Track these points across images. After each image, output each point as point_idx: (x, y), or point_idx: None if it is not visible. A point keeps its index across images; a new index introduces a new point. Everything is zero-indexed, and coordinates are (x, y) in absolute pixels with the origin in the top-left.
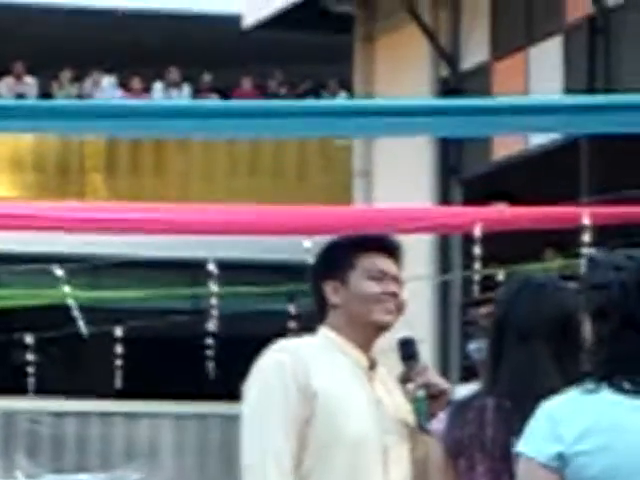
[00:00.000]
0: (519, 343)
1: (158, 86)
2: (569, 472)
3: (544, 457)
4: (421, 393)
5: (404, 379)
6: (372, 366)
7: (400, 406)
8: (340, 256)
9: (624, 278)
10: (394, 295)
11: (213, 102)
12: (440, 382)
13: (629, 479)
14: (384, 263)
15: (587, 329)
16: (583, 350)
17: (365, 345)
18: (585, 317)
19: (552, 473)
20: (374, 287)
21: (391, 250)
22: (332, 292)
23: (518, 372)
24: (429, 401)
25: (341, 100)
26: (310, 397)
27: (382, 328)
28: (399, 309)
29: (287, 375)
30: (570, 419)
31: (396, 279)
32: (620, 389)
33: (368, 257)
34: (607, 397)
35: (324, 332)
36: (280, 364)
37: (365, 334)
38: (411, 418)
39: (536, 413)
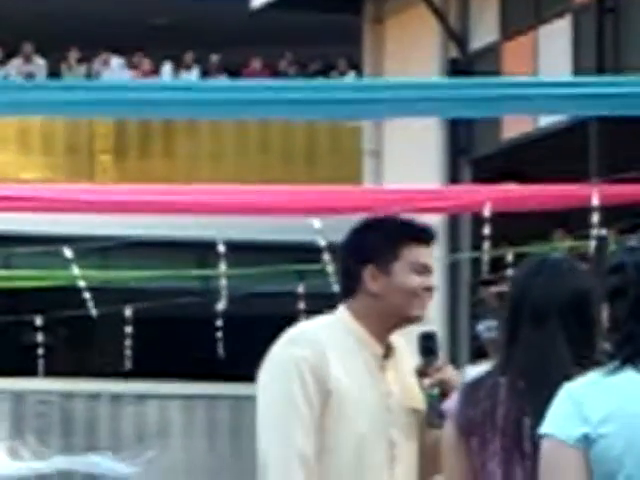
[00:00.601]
0: (535, 324)
1: (167, 68)
2: (593, 453)
3: (570, 438)
4: (436, 390)
5: (421, 373)
6: (387, 353)
7: (411, 390)
8: (384, 243)
9: (639, 258)
10: (432, 289)
11: (222, 82)
12: (455, 380)
13: None
14: (426, 256)
15: (604, 313)
16: (597, 332)
17: (385, 334)
18: (601, 300)
19: (576, 451)
20: (417, 281)
21: (431, 241)
22: (371, 279)
23: (533, 353)
24: (442, 398)
25: (350, 80)
26: (326, 394)
27: (416, 321)
28: (430, 301)
29: (307, 373)
30: (595, 401)
31: (432, 270)
32: None
33: (413, 248)
34: (630, 377)
35: (343, 317)
36: (301, 360)
37: (392, 325)
38: (421, 402)
39: (559, 395)
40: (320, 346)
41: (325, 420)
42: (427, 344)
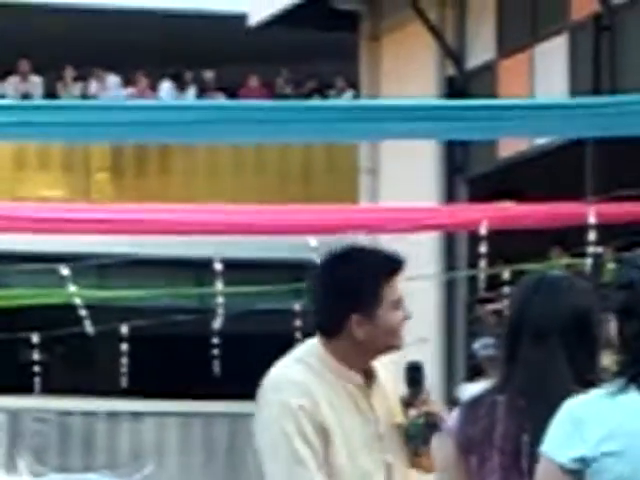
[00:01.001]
0: (535, 342)
1: (166, 85)
2: (590, 473)
3: (566, 459)
4: (422, 420)
5: (407, 403)
6: (369, 379)
7: (394, 408)
8: (367, 290)
9: None
10: (408, 318)
11: (219, 103)
12: (440, 411)
13: None
14: (399, 287)
15: (612, 329)
16: (597, 350)
17: (365, 366)
18: (609, 317)
19: (567, 475)
20: (398, 316)
21: (402, 269)
22: (357, 326)
23: (533, 371)
24: (428, 429)
25: (346, 101)
26: (325, 435)
27: (393, 351)
28: None
29: (304, 420)
30: (594, 421)
31: (403, 299)
32: None
33: (390, 285)
34: (633, 398)
35: (322, 356)
36: (297, 409)
37: (372, 357)
38: (401, 417)
39: (560, 413)
40: (313, 394)
41: (329, 460)
42: (413, 375)
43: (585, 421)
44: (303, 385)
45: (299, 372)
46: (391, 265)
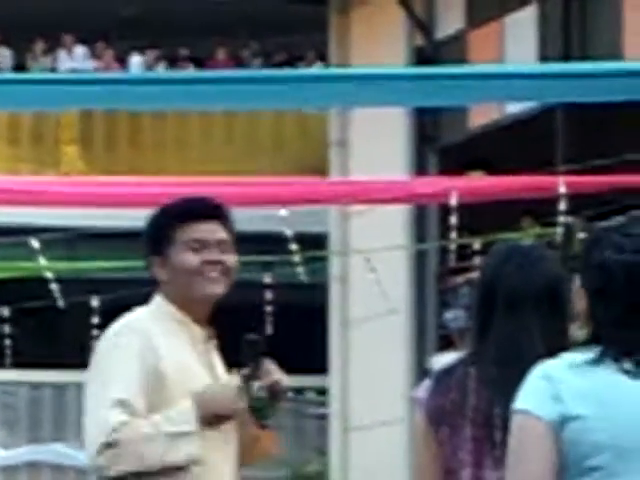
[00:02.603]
0: (508, 312)
1: (135, 59)
2: (565, 434)
3: (542, 412)
4: (265, 392)
5: (249, 377)
6: (209, 338)
7: (226, 375)
8: (160, 231)
9: (626, 261)
10: (216, 263)
11: (188, 73)
12: (284, 382)
13: (630, 453)
14: (203, 230)
15: (578, 302)
16: (568, 319)
17: (201, 318)
18: (578, 292)
19: (547, 426)
20: (192, 259)
21: (211, 214)
22: (159, 268)
23: (506, 342)
24: (272, 400)
25: (315, 69)
26: (158, 377)
27: (209, 299)
28: (226, 275)
29: (133, 358)
30: (569, 381)
31: (221, 243)
32: (621, 369)
33: (185, 228)
34: (606, 367)
35: (159, 302)
36: (128, 347)
37: (196, 307)
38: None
39: (533, 372)
40: (150, 335)
41: (164, 402)
42: (253, 350)
43: (559, 380)
44: (142, 330)
45: (140, 316)
46: (186, 209)
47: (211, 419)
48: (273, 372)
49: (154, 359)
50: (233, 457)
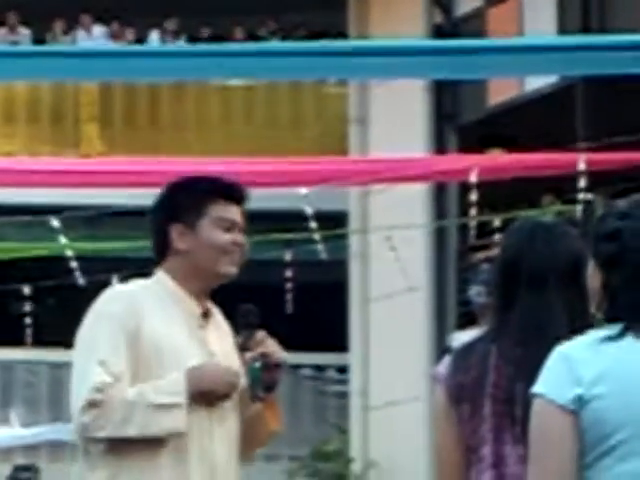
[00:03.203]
0: (532, 289)
1: (154, 36)
2: (586, 414)
3: (562, 399)
4: (258, 363)
5: (242, 347)
6: (206, 314)
7: (230, 354)
8: (189, 201)
9: (634, 225)
10: (241, 245)
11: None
12: (277, 352)
13: None
14: (234, 212)
15: (593, 278)
16: (588, 295)
17: (201, 293)
18: (591, 266)
19: (568, 415)
20: (224, 237)
21: (240, 199)
22: (178, 236)
23: (531, 318)
24: (264, 371)
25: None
26: (139, 345)
27: (227, 277)
28: (241, 258)
29: (116, 324)
30: (589, 361)
31: (241, 229)
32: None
33: (219, 205)
34: (627, 343)
35: (160, 278)
36: (112, 315)
37: (204, 283)
38: (238, 365)
39: (553, 355)
40: (135, 302)
41: (146, 375)
42: (247, 319)
43: (579, 362)
44: (127, 297)
45: (129, 288)
46: (220, 187)
47: (207, 396)
48: (266, 343)
49: (136, 323)
50: (229, 438)
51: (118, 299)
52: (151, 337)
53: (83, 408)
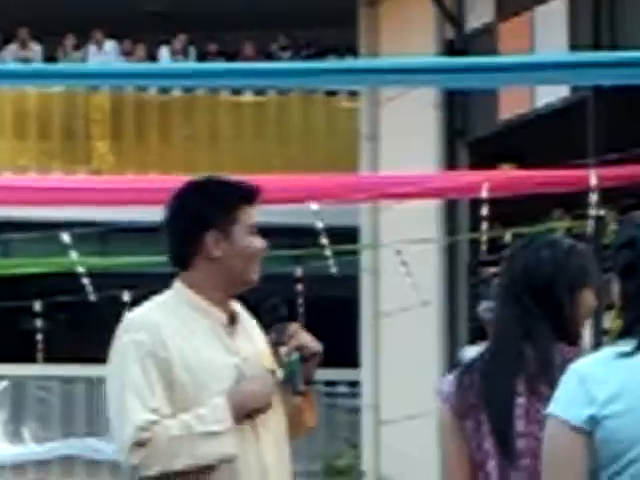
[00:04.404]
0: (516, 303)
1: (165, 52)
2: (599, 432)
3: (576, 420)
4: (295, 356)
5: (276, 343)
6: (232, 319)
7: (261, 355)
8: (221, 207)
9: None
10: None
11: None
12: (312, 343)
13: None
14: (254, 216)
15: (615, 291)
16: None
17: (226, 301)
18: (611, 279)
19: (581, 437)
20: (257, 243)
21: (256, 201)
22: (214, 244)
23: (506, 331)
24: (303, 363)
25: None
26: (172, 372)
27: (249, 285)
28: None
29: (146, 355)
30: (603, 379)
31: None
32: None
33: (245, 210)
34: None
35: (178, 289)
36: (138, 344)
37: (231, 290)
38: (273, 365)
39: (567, 374)
40: (161, 328)
41: (183, 398)
42: (276, 313)
43: (593, 381)
44: (152, 325)
45: (149, 311)
46: (246, 191)
47: (250, 414)
48: (300, 335)
49: (165, 350)
50: (276, 439)
51: (143, 327)
52: (181, 360)
53: (131, 449)
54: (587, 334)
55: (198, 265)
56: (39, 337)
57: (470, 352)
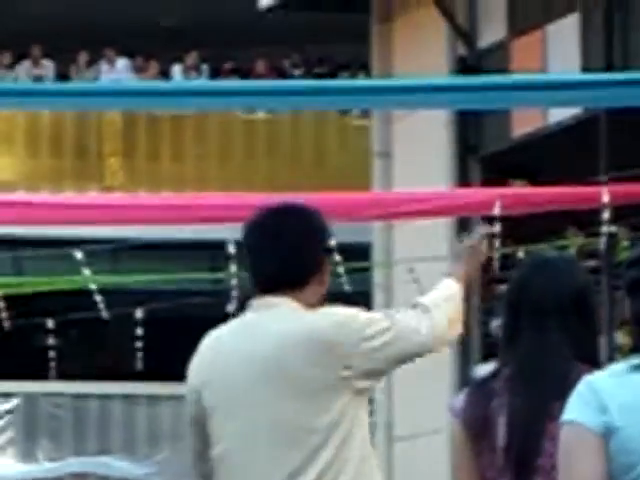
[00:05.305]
0: (532, 324)
1: (177, 69)
2: (612, 443)
3: (591, 423)
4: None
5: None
6: None
7: None
8: (329, 234)
9: None
10: None
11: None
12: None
13: None
14: None
15: (627, 308)
16: (597, 328)
17: None
18: (623, 296)
19: (597, 439)
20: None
21: None
22: (326, 269)
23: (531, 351)
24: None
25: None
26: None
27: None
28: None
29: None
30: (614, 391)
31: None
32: None
33: None
34: None
35: (294, 308)
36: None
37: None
38: None
39: (580, 385)
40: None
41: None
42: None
43: (604, 392)
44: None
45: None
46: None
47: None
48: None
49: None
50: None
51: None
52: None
53: (426, 337)
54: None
55: (311, 286)
56: (52, 354)
57: (484, 369)
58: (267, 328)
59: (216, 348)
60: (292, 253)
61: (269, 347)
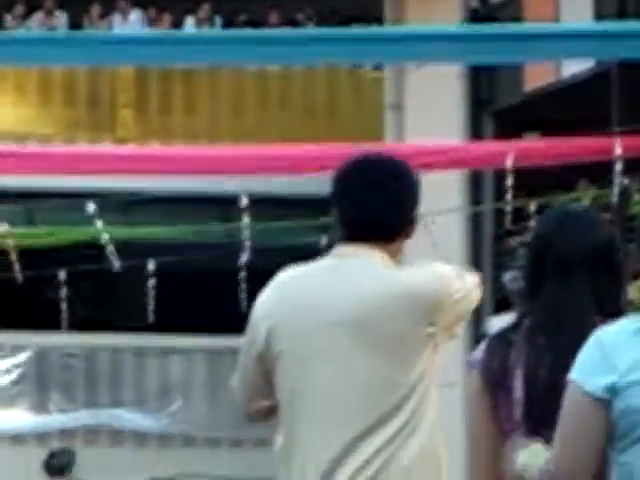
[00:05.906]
0: (557, 277)
1: (190, 21)
2: (619, 401)
3: (595, 388)
4: None
5: None
6: None
7: None
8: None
9: None
10: None
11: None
12: None
13: None
14: None
15: (637, 264)
16: (621, 282)
17: None
18: (623, 250)
19: (599, 404)
20: None
21: None
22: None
23: (552, 307)
24: None
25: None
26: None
27: None
28: None
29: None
30: (624, 348)
31: None
32: None
33: None
34: None
35: (384, 259)
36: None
37: None
38: None
39: (589, 341)
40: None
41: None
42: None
43: (615, 349)
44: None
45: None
46: None
47: None
48: None
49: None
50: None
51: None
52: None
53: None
54: None
55: (397, 242)
56: (63, 306)
57: (496, 323)
58: (354, 277)
59: (293, 289)
60: (394, 204)
61: (356, 297)
